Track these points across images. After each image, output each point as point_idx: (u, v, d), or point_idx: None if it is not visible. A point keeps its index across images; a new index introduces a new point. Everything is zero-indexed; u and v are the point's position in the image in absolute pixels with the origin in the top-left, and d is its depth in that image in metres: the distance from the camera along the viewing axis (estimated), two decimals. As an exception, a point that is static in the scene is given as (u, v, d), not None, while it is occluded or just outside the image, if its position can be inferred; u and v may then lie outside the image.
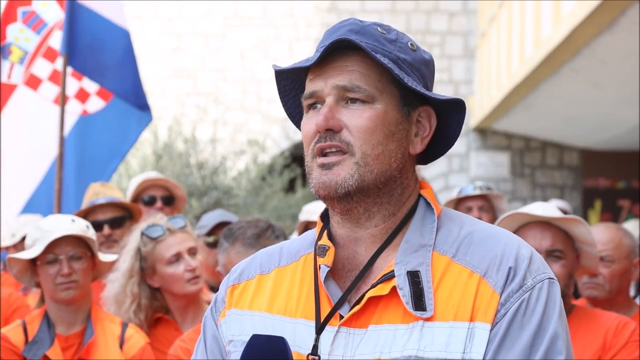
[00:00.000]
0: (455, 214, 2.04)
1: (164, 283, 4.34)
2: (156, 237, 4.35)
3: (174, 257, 4.32)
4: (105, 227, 5.21)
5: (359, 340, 1.90)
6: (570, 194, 16.95)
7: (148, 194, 5.99)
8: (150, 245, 4.35)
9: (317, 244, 2.03)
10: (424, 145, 2.03)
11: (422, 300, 1.88)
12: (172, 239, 4.35)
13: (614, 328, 3.71)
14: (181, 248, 4.34)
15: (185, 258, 4.32)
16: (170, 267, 4.31)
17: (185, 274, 4.30)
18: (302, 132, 2.01)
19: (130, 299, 4.35)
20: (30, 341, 4.06)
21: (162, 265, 4.32)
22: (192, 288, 4.33)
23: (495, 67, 14.39)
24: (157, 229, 4.37)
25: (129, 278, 4.36)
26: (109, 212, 5.29)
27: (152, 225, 4.41)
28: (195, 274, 4.32)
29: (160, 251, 4.33)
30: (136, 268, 4.36)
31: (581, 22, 8.84)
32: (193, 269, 4.30)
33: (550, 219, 3.72)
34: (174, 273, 4.31)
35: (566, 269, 3.67)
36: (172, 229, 4.38)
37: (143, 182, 6.01)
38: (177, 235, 4.37)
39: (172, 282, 4.32)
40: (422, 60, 2.03)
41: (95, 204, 5.28)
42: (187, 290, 4.32)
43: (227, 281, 2.14)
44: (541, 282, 1.89)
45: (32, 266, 4.14)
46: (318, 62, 1.96)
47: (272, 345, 1.93)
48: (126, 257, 4.40)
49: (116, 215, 5.29)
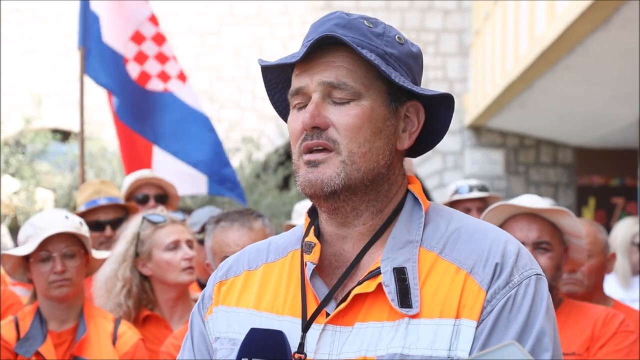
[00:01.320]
0: (443, 209, 2.02)
1: (158, 270, 4.35)
2: (157, 222, 4.39)
3: (173, 243, 4.35)
4: (107, 227, 5.22)
5: (345, 338, 1.89)
6: (564, 192, 16.97)
7: (141, 192, 5.97)
8: (149, 229, 4.38)
9: (303, 240, 2.01)
10: (412, 140, 2.01)
11: (407, 297, 1.86)
12: (172, 227, 4.40)
13: (602, 319, 3.71)
14: (180, 237, 4.38)
15: (183, 247, 4.35)
16: (167, 253, 4.34)
17: (181, 262, 4.32)
18: (289, 129, 2.00)
19: (121, 283, 4.35)
20: (22, 337, 4.04)
21: (159, 251, 4.34)
22: (186, 277, 4.34)
23: (490, 65, 14.39)
24: (159, 216, 4.43)
25: (121, 262, 4.37)
26: (111, 212, 5.29)
27: (154, 213, 4.48)
28: (191, 264, 4.34)
29: (159, 236, 4.36)
30: (131, 252, 4.38)
31: (575, 19, 8.85)
32: (190, 258, 4.34)
33: (537, 211, 3.69)
34: (171, 260, 4.33)
35: (553, 261, 3.65)
36: (173, 218, 4.44)
37: (136, 181, 6.00)
38: (177, 226, 4.42)
39: (167, 269, 4.33)
40: (409, 54, 2.00)
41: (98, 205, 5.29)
42: (180, 279, 4.34)
43: (214, 277, 2.12)
44: (528, 279, 1.88)
45: (25, 263, 4.14)
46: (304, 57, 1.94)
47: (271, 339, 1.91)
48: (122, 241, 4.42)
49: (118, 217, 5.29)
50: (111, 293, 4.34)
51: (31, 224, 4.13)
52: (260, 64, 2.03)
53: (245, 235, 3.78)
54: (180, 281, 4.35)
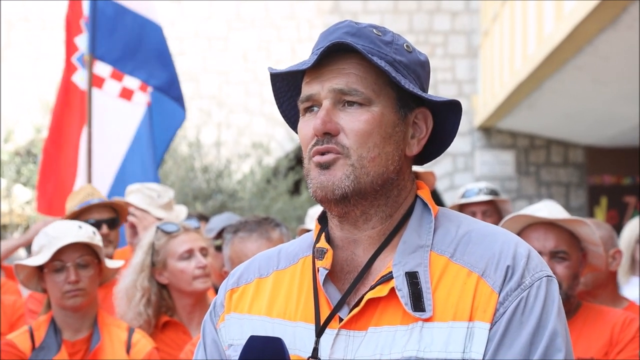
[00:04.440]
0: (452, 213, 2.05)
1: (173, 279, 4.39)
2: (170, 232, 4.42)
3: (186, 252, 4.38)
4: (103, 226, 5.21)
5: (359, 342, 1.91)
6: (575, 192, 16.94)
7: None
8: (163, 239, 4.42)
9: (315, 246, 2.03)
10: (421, 146, 2.03)
11: (420, 301, 1.88)
12: (185, 235, 4.43)
13: (620, 324, 3.69)
14: (194, 245, 4.41)
15: (197, 255, 4.39)
16: (181, 262, 4.37)
17: (195, 271, 4.36)
18: (299, 135, 2.02)
19: (140, 292, 4.39)
20: (37, 347, 4.07)
21: (174, 260, 4.38)
22: (200, 286, 4.38)
23: (499, 66, 14.39)
24: (172, 226, 4.46)
25: (139, 272, 4.41)
26: (105, 212, 5.29)
27: (168, 222, 4.51)
28: (205, 272, 4.38)
29: (173, 246, 4.40)
30: (147, 262, 4.41)
31: (583, 19, 8.86)
32: (203, 266, 4.37)
33: (553, 221, 3.69)
34: (185, 269, 4.36)
35: (570, 270, 3.64)
36: (187, 227, 4.47)
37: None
38: (191, 234, 4.45)
39: (181, 278, 4.37)
40: (417, 62, 2.03)
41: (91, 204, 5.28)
42: (195, 287, 4.37)
43: (225, 285, 2.15)
44: (539, 280, 1.90)
45: (39, 273, 4.16)
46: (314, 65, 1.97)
47: (270, 345, 1.93)
48: (139, 252, 4.47)
49: (112, 216, 5.29)
50: (131, 302, 4.39)
51: (45, 234, 4.15)
52: (269, 72, 2.05)
53: (263, 245, 3.81)
54: (195, 289, 4.38)
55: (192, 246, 4.40)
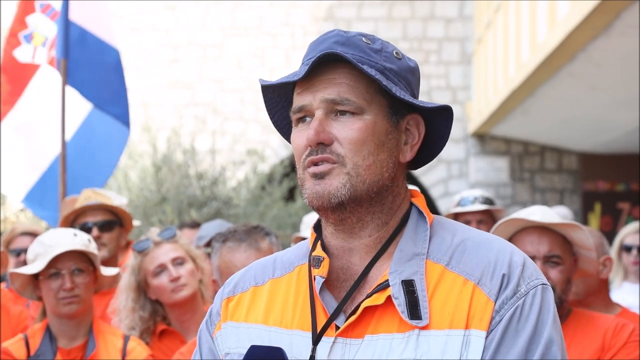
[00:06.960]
0: (447, 221, 2.06)
1: (156, 294, 4.43)
2: (142, 251, 4.44)
3: (158, 268, 4.39)
4: (94, 229, 5.21)
5: (356, 350, 1.91)
6: (569, 198, 16.97)
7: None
8: (138, 259, 4.44)
9: (311, 254, 2.04)
10: (414, 152, 2.04)
11: (417, 309, 1.89)
12: (156, 250, 4.43)
13: (612, 329, 3.69)
14: (164, 259, 4.40)
15: (169, 268, 4.38)
16: (156, 278, 4.40)
17: (168, 285, 4.37)
18: (292, 145, 2.02)
19: (125, 313, 4.42)
20: (32, 355, 4.07)
21: (150, 278, 4.41)
22: (176, 297, 4.39)
23: (492, 73, 14.42)
24: (144, 243, 4.46)
25: (128, 292, 4.44)
26: (99, 215, 5.28)
27: (142, 240, 4.51)
28: (180, 283, 4.38)
29: (146, 264, 4.42)
30: (131, 283, 4.43)
31: (576, 26, 8.88)
32: (175, 278, 4.36)
33: (547, 225, 3.68)
34: (160, 284, 4.39)
35: (564, 274, 3.64)
36: (157, 241, 4.46)
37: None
38: (163, 247, 4.44)
39: (160, 293, 4.41)
40: (407, 69, 2.04)
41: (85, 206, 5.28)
42: (173, 299, 4.39)
43: (221, 294, 2.15)
44: (535, 289, 1.91)
45: (34, 280, 4.16)
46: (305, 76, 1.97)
47: (271, 356, 1.94)
48: (125, 274, 4.49)
49: (106, 219, 5.28)
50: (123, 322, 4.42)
51: (40, 242, 4.16)
52: (261, 84, 2.06)
53: (252, 257, 3.79)
54: (174, 301, 4.40)
55: (162, 260, 4.40)
